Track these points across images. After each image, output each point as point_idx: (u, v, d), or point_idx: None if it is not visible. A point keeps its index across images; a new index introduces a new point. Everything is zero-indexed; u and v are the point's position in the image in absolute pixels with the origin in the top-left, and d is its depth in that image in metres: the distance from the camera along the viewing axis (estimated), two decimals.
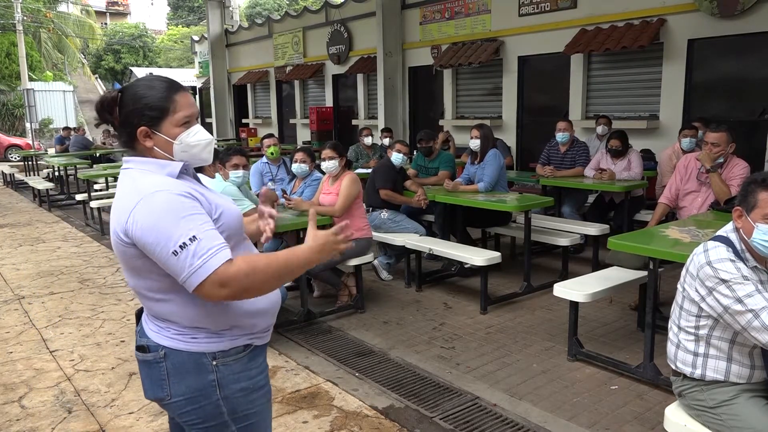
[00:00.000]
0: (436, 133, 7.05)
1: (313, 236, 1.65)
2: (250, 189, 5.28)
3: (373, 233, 5.12)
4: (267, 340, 1.78)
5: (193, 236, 1.47)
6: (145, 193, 1.52)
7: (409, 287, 5.42)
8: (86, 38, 34.42)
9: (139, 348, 1.68)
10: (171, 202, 1.50)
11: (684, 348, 2.28)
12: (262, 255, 1.59)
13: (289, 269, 1.58)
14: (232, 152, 4.18)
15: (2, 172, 14.97)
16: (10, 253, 7.12)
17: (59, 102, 27.54)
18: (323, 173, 5.00)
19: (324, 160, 4.81)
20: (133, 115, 1.60)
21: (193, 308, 1.59)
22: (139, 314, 1.78)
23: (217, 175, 4.25)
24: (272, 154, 6.13)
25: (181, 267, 1.47)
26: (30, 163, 15.30)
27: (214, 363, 1.63)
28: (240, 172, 4.15)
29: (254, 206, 4.06)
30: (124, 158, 1.69)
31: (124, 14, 50.95)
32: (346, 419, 3.15)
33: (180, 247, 1.46)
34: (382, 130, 8.80)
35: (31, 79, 25.49)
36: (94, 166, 11.31)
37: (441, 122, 10.53)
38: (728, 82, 7.09)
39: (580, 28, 8.19)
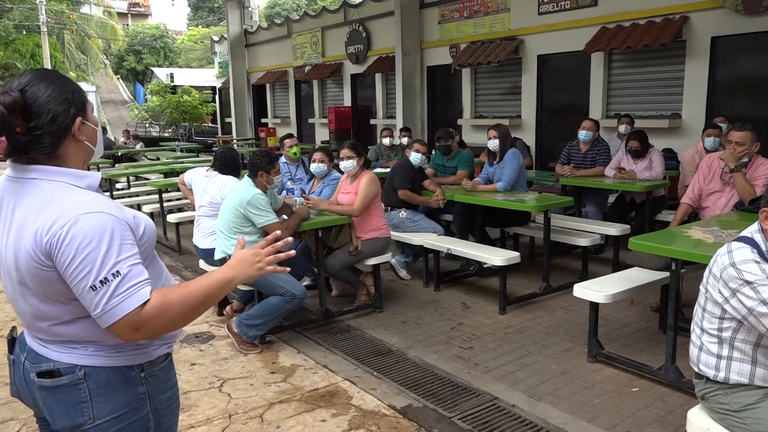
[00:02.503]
0: (454, 132, 7.03)
1: (235, 254, 1.58)
2: None
3: (392, 233, 5.13)
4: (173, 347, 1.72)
5: (117, 271, 1.35)
6: (75, 214, 1.36)
7: (427, 287, 5.42)
8: (108, 39, 34.97)
9: (45, 374, 1.48)
10: (104, 228, 1.36)
11: (707, 350, 2.24)
12: (178, 286, 1.48)
13: (208, 295, 1.48)
14: (275, 158, 4.28)
15: None
16: None
17: None
18: (342, 173, 5.01)
19: (342, 159, 4.83)
20: (68, 106, 1.43)
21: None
22: (13, 340, 1.60)
23: (247, 179, 4.24)
24: (294, 154, 6.17)
25: (96, 304, 1.36)
26: None
27: (143, 375, 1.53)
28: (280, 177, 4.33)
29: (275, 221, 4.08)
30: (18, 167, 1.43)
31: (145, 15, 51.61)
32: (365, 418, 3.16)
33: (101, 282, 1.34)
34: (401, 129, 8.80)
35: None
36: (116, 165, 11.47)
37: (459, 122, 10.51)
38: (753, 80, 6.96)
39: (601, 26, 8.11)
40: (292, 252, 1.68)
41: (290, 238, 1.69)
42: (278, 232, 1.68)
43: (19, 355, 1.56)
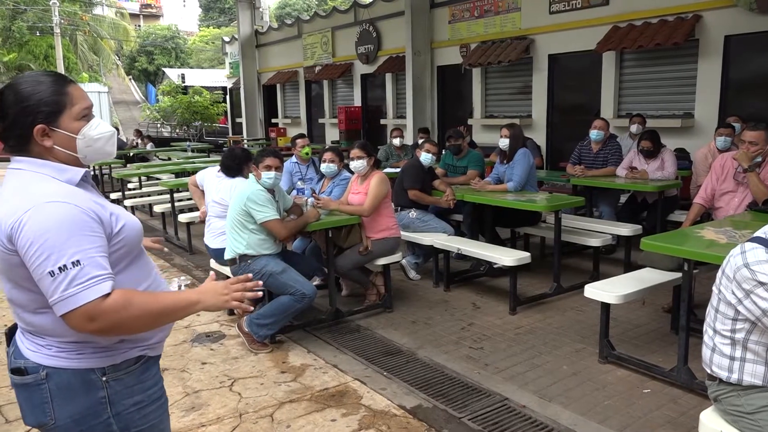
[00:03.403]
0: (465, 132, 7.02)
1: (206, 283, 1.64)
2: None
3: (402, 233, 5.12)
4: (160, 351, 1.69)
5: (77, 260, 1.36)
6: (39, 201, 1.39)
7: (437, 287, 5.41)
8: (120, 40, 35.25)
9: (15, 371, 1.54)
10: (65, 217, 1.39)
11: (720, 352, 2.22)
12: (145, 293, 1.52)
13: (171, 309, 1.52)
14: (266, 153, 4.20)
15: None
16: None
17: (94, 102, 27.54)
18: (352, 173, 5.02)
19: (353, 159, 4.83)
20: (25, 114, 1.47)
21: None
22: (10, 333, 1.64)
23: (251, 176, 4.28)
24: (306, 154, 6.18)
25: (53, 290, 1.36)
26: None
27: (104, 379, 1.52)
28: (272, 174, 4.11)
29: (272, 218, 4.05)
30: (13, 158, 1.53)
31: (156, 16, 51.94)
32: (374, 418, 3.16)
33: (59, 269, 1.35)
34: (419, 130, 8.75)
35: None
36: (128, 165, 11.56)
37: (470, 121, 10.48)
38: (766, 80, 6.89)
39: (612, 25, 8.06)
40: (259, 294, 1.72)
41: (260, 282, 1.73)
42: (250, 275, 1.71)
43: (9, 350, 1.62)
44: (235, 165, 4.90)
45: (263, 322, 4.01)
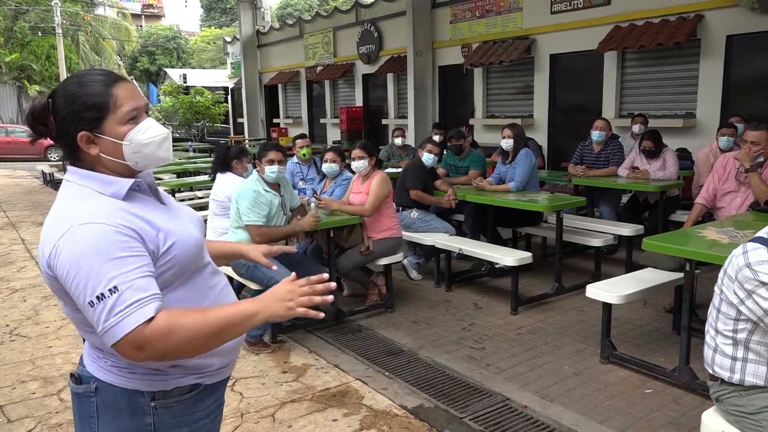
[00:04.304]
0: (466, 132, 7.02)
1: (271, 289, 1.42)
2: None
3: (403, 233, 5.12)
4: (223, 377, 1.55)
5: (114, 287, 1.24)
6: (74, 224, 1.28)
7: (438, 287, 5.41)
8: (122, 40, 35.26)
9: (72, 377, 1.47)
10: (98, 239, 1.26)
11: (721, 352, 2.22)
12: (195, 310, 1.34)
13: (227, 326, 1.32)
14: (269, 147, 4.20)
15: (42, 171, 15.39)
16: None
17: None
18: (353, 173, 5.02)
19: (354, 159, 4.84)
20: (69, 121, 1.36)
21: None
22: None
23: (255, 172, 4.29)
24: (304, 155, 6.18)
25: (96, 321, 1.25)
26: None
27: (153, 404, 1.41)
28: (275, 168, 4.09)
29: (255, 222, 4.04)
30: (68, 167, 1.43)
31: (158, 16, 51.95)
32: (376, 418, 3.16)
33: (97, 298, 1.24)
34: (434, 125, 8.75)
35: None
36: None
37: (471, 121, 10.48)
38: None
39: (614, 25, 8.05)
40: (330, 297, 1.44)
41: (333, 284, 1.46)
42: (325, 275, 1.46)
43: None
44: (220, 160, 4.99)
45: None
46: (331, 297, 1.44)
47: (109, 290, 1.24)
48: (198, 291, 1.47)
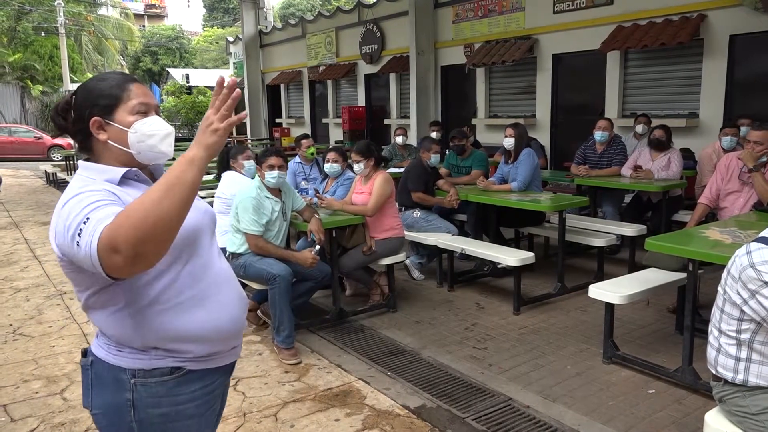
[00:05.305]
0: (469, 132, 7.02)
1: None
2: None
3: (406, 232, 5.12)
4: (210, 365, 1.59)
5: (87, 217, 1.28)
6: (66, 200, 1.38)
7: (441, 287, 5.41)
8: (125, 40, 35.32)
9: (82, 352, 1.62)
10: (81, 199, 1.34)
11: (725, 352, 2.22)
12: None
13: (169, 179, 1.27)
14: (269, 153, 4.21)
15: (45, 171, 15.43)
16: (52, 250, 7.33)
17: None
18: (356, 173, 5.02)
19: (353, 162, 4.87)
20: (84, 108, 1.49)
21: (113, 325, 1.49)
22: None
23: (256, 177, 4.29)
24: (312, 154, 6.20)
25: (83, 256, 1.26)
26: (72, 162, 15.71)
27: (132, 381, 1.50)
28: (275, 173, 4.10)
29: (252, 232, 4.05)
30: (78, 162, 1.56)
31: (161, 16, 52.01)
32: (378, 418, 3.16)
33: (78, 234, 1.27)
34: (431, 123, 8.75)
35: (72, 81, 26.21)
36: None
37: (474, 121, 10.47)
38: None
39: (617, 24, 8.04)
40: (244, 113, 1.56)
41: (236, 78, 1.58)
42: (227, 79, 1.40)
43: None
44: (219, 160, 5.16)
45: (274, 325, 4.01)
46: (244, 113, 1.61)
47: (84, 222, 1.28)
48: (188, 278, 1.52)
